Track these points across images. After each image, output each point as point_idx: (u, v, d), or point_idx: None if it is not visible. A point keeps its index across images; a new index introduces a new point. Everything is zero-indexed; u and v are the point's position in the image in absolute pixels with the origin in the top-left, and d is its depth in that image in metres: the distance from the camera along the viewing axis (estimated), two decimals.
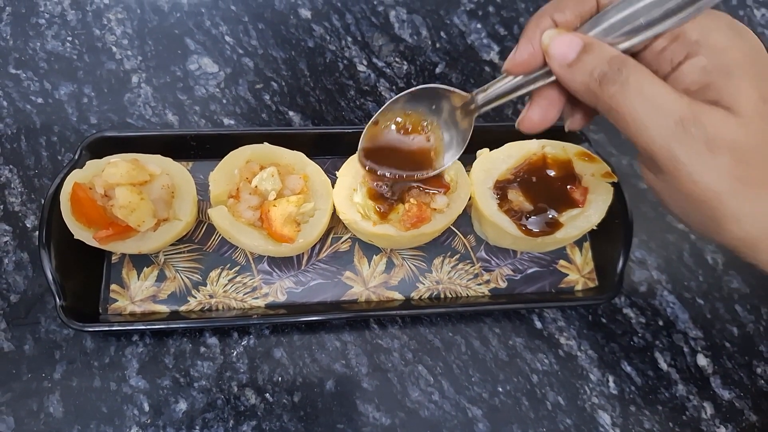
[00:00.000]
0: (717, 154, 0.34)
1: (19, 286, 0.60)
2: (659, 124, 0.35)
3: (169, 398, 0.57)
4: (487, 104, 0.46)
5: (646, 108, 0.35)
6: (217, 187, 0.58)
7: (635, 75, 0.35)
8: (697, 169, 0.34)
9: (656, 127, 0.35)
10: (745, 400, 0.61)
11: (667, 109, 0.34)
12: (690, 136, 0.34)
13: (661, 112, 0.35)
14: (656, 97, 0.35)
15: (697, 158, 0.34)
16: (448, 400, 0.59)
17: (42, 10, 0.73)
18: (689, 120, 0.34)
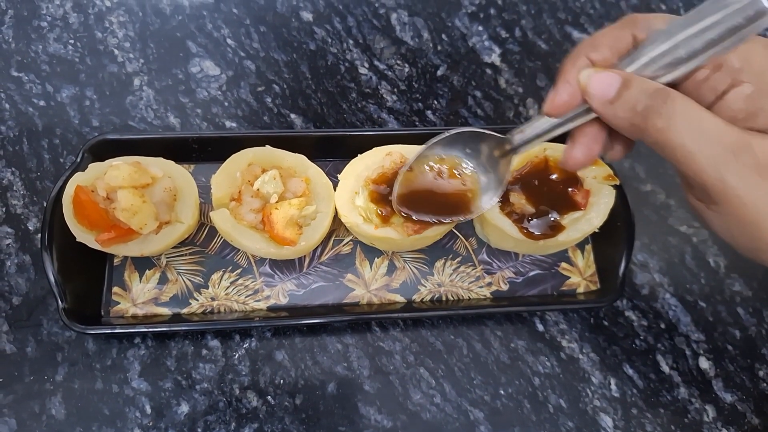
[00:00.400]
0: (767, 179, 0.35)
1: (22, 289, 0.61)
2: (709, 153, 0.35)
3: (171, 400, 0.58)
4: (525, 144, 0.47)
5: (695, 138, 0.35)
6: (219, 189, 0.59)
7: (681, 106, 0.35)
8: (748, 194, 0.35)
9: (707, 156, 0.35)
10: (747, 403, 0.61)
11: (716, 138, 0.35)
12: (741, 164, 0.35)
13: (710, 142, 0.35)
14: (705, 128, 0.35)
15: (748, 184, 0.35)
16: (450, 403, 0.59)
17: (44, 13, 0.73)
18: (740, 148, 0.35)
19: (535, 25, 0.78)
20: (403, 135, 0.63)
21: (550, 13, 0.78)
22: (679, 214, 0.68)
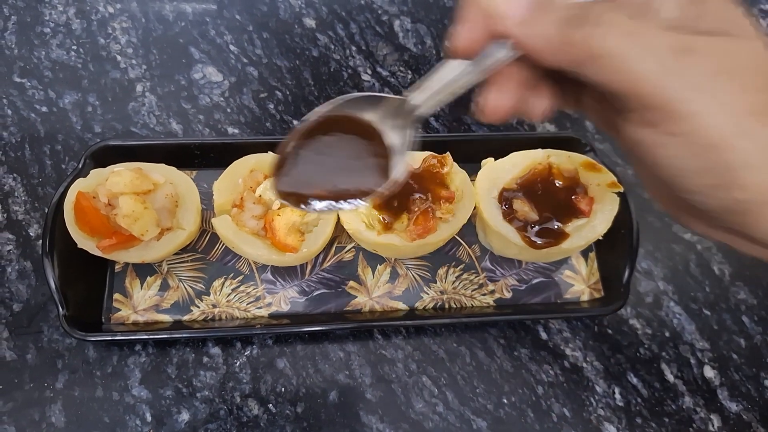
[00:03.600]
0: (726, 84, 0.28)
1: (22, 295, 0.60)
2: (651, 57, 0.29)
3: (172, 408, 0.57)
4: (429, 101, 0.37)
5: (631, 44, 0.29)
6: (221, 196, 0.58)
7: (609, 12, 0.30)
8: (702, 104, 0.28)
9: (648, 61, 0.29)
10: (752, 413, 0.60)
11: (656, 43, 0.29)
12: (689, 67, 0.28)
13: (651, 47, 0.29)
14: (642, 33, 0.29)
15: (701, 91, 0.28)
16: (453, 412, 0.59)
17: (47, 19, 0.73)
18: (686, 49, 0.28)
19: None
20: None
21: None
22: None
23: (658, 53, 0.29)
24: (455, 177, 0.59)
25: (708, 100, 0.28)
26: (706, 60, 0.28)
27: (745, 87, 0.28)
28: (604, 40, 0.29)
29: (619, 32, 0.29)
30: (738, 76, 0.28)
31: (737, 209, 0.31)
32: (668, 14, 0.30)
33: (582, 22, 0.30)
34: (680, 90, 0.28)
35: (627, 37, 0.29)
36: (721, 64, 0.28)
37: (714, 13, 0.30)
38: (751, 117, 0.28)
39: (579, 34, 0.30)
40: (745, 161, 0.29)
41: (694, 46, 0.29)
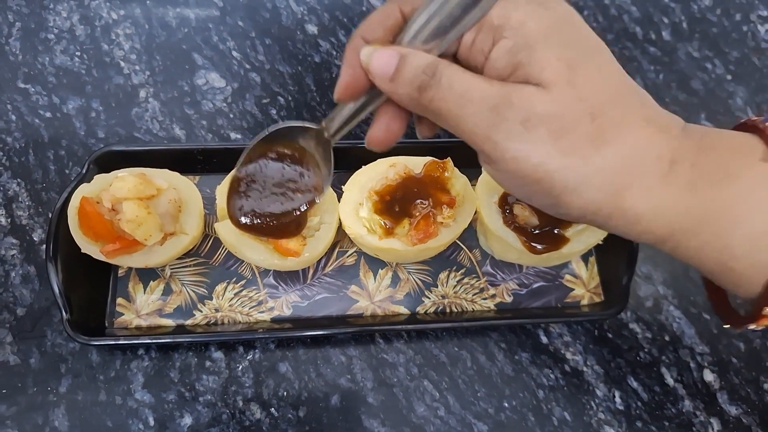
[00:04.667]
0: (534, 131, 0.33)
1: (26, 300, 0.61)
2: (475, 114, 0.34)
3: (174, 412, 0.57)
4: (340, 130, 0.43)
5: (461, 104, 0.34)
6: (223, 200, 0.59)
7: (446, 73, 0.35)
8: (521, 150, 0.34)
9: (472, 118, 0.34)
10: (752, 416, 0.60)
11: (478, 99, 0.34)
12: (505, 119, 0.33)
13: (473, 103, 0.34)
14: (467, 90, 0.34)
15: (518, 139, 0.34)
16: (454, 416, 0.59)
17: (51, 25, 0.74)
18: (502, 104, 0.33)
19: None
20: (407, 146, 0.63)
21: None
22: None
23: (481, 112, 0.34)
24: (456, 182, 0.60)
25: (521, 147, 0.34)
26: (516, 112, 0.33)
27: (555, 132, 0.33)
28: (440, 104, 0.35)
29: (452, 95, 0.35)
30: (545, 125, 0.33)
31: (581, 218, 0.36)
32: (498, 63, 0.35)
33: (428, 86, 0.35)
34: (499, 140, 0.34)
35: (457, 99, 0.34)
36: (528, 114, 0.33)
37: (530, 65, 0.34)
38: (561, 155, 0.34)
39: (425, 97, 0.35)
40: (565, 188, 0.34)
41: (507, 100, 0.34)
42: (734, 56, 0.78)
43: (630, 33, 0.79)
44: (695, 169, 0.34)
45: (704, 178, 0.34)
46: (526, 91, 0.33)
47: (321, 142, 0.45)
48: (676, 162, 0.34)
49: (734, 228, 0.34)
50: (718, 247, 0.35)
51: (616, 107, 0.34)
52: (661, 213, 0.35)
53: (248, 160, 0.46)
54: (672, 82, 0.76)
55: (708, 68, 0.77)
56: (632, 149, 0.34)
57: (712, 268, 0.36)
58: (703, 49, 0.79)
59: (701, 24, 0.80)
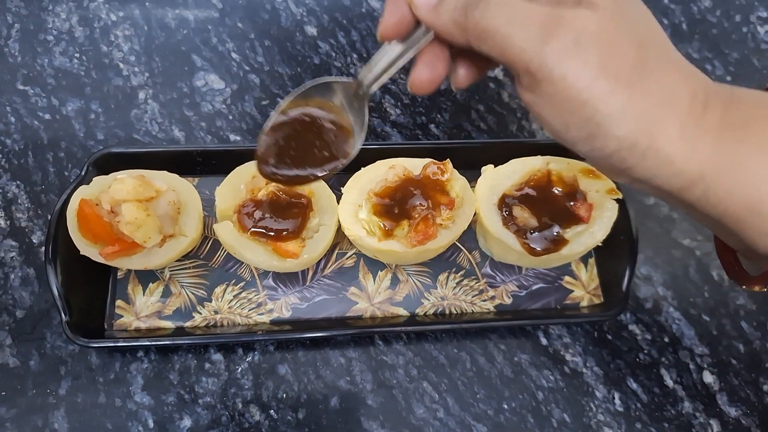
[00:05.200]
0: (585, 51, 0.34)
1: (25, 302, 0.61)
2: (525, 31, 0.34)
3: (174, 415, 0.57)
4: (376, 80, 0.43)
5: (510, 21, 0.34)
6: (222, 202, 0.59)
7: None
8: (570, 69, 0.34)
9: (523, 35, 0.34)
10: (752, 418, 0.60)
11: (528, 18, 0.34)
12: (556, 38, 0.34)
13: (524, 22, 0.34)
14: (517, 10, 0.35)
15: (568, 58, 0.34)
16: (453, 417, 0.59)
17: (50, 26, 0.74)
18: (553, 22, 0.34)
19: None
20: (406, 148, 0.63)
21: None
22: (682, 227, 0.68)
23: (531, 28, 0.34)
24: (455, 184, 0.60)
25: (571, 66, 0.34)
26: (568, 31, 0.34)
27: (605, 53, 0.34)
28: (489, 21, 0.35)
29: (502, 12, 0.35)
30: (593, 45, 0.34)
31: (613, 156, 0.36)
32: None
33: (473, 5, 0.36)
34: (548, 58, 0.34)
35: (507, 16, 0.35)
36: (580, 34, 0.33)
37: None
38: (608, 78, 0.34)
39: (471, 17, 0.36)
40: (607, 115, 0.34)
41: (559, 19, 0.34)
42: (734, 57, 0.78)
43: None
44: (727, 113, 0.35)
45: (737, 123, 0.35)
46: (579, 11, 0.34)
47: (357, 96, 0.45)
48: (709, 105, 0.35)
49: (765, 171, 0.34)
50: (750, 189, 0.35)
51: (658, 43, 0.35)
52: (694, 152, 0.34)
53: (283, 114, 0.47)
54: None
55: (708, 69, 0.77)
56: (671, 84, 0.34)
57: (741, 213, 0.35)
58: (703, 50, 0.78)
59: (701, 25, 0.80)
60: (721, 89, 0.36)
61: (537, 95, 0.37)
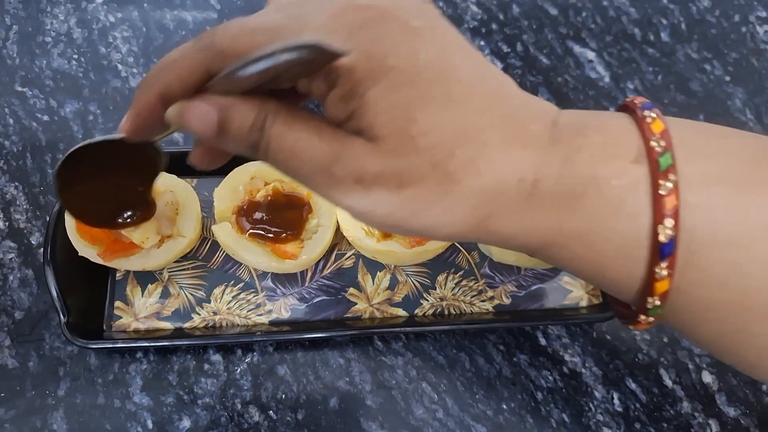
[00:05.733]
0: (371, 190, 0.30)
1: (24, 303, 0.61)
2: (310, 175, 0.31)
3: (173, 415, 0.57)
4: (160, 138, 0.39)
5: (294, 164, 0.31)
6: (221, 203, 0.59)
7: (274, 132, 0.31)
8: (364, 207, 0.31)
9: (309, 178, 0.31)
10: (750, 418, 0.60)
11: (309, 158, 0.31)
12: (339, 180, 0.30)
13: (306, 164, 0.31)
14: (297, 152, 0.31)
15: (357, 198, 0.31)
16: (453, 418, 0.59)
17: (48, 28, 0.74)
18: (333, 164, 0.30)
19: (537, 40, 0.78)
20: None
21: (552, 28, 0.79)
22: None
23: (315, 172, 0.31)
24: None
25: (365, 202, 0.31)
26: (350, 170, 0.31)
27: (394, 189, 0.31)
28: (275, 162, 0.32)
29: (284, 156, 0.31)
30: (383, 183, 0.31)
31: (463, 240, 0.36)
32: (333, 110, 0.31)
33: (260, 148, 0.32)
34: (342, 199, 0.32)
35: (290, 160, 0.31)
36: (361, 174, 0.30)
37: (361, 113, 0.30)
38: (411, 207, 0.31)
39: (259, 155, 0.32)
40: (422, 228, 0.32)
41: (339, 157, 0.31)
42: (733, 57, 0.78)
43: (629, 35, 0.79)
44: (560, 183, 0.31)
45: (571, 193, 0.32)
46: (357, 147, 0.30)
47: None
48: (540, 181, 0.31)
49: (604, 241, 0.32)
50: (592, 259, 0.33)
51: (466, 144, 0.30)
52: (530, 231, 0.33)
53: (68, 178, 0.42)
54: (671, 84, 0.76)
55: (707, 69, 0.77)
56: (489, 181, 0.30)
57: (589, 276, 0.35)
58: (702, 50, 0.79)
59: (700, 25, 0.80)
60: (556, 153, 0.32)
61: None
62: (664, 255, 0.31)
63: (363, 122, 0.30)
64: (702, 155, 0.32)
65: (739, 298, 0.31)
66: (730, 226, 0.31)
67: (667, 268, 0.31)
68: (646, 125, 0.32)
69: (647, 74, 0.77)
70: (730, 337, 0.33)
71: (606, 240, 0.32)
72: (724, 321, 0.32)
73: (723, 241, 0.31)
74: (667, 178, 0.30)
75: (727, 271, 0.31)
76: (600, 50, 0.78)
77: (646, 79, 0.76)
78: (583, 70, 0.76)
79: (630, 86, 0.75)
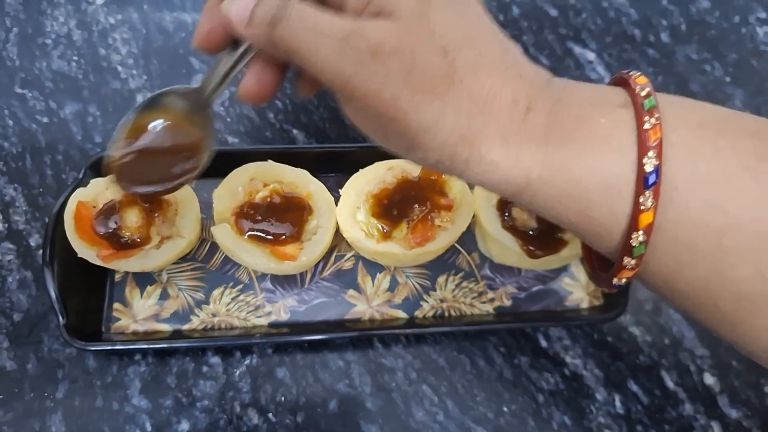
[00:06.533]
0: (384, 64, 0.32)
1: (23, 305, 0.60)
2: (325, 46, 0.32)
3: (171, 418, 0.57)
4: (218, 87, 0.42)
5: (310, 36, 0.33)
6: (220, 204, 0.59)
7: (297, 7, 0.33)
8: (372, 83, 0.32)
9: (323, 50, 0.32)
10: (753, 420, 0.60)
11: (328, 29, 0.32)
12: (355, 50, 0.32)
13: (323, 34, 0.32)
14: (317, 23, 0.33)
15: (368, 72, 0.32)
16: (453, 420, 0.59)
17: (48, 30, 0.74)
18: (352, 35, 0.32)
19: (537, 41, 0.78)
20: None
21: (552, 29, 0.79)
22: None
23: (331, 45, 0.32)
24: (454, 185, 0.60)
25: (378, 79, 0.32)
26: (368, 42, 0.32)
27: (406, 66, 0.32)
28: (291, 39, 0.33)
29: (304, 27, 0.33)
30: (396, 57, 0.32)
31: (438, 165, 0.35)
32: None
33: (279, 20, 0.33)
34: (352, 73, 0.32)
35: (308, 31, 0.33)
36: (377, 47, 0.31)
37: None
38: (414, 91, 0.32)
39: (277, 33, 0.33)
40: (420, 129, 0.33)
41: (360, 29, 0.32)
42: (733, 58, 0.78)
43: (629, 35, 0.79)
44: (551, 116, 0.33)
45: (561, 126, 0.33)
46: (378, 22, 0.32)
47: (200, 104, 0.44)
48: (531, 109, 0.33)
49: (591, 174, 0.33)
50: (576, 195, 0.34)
51: (472, 46, 0.33)
52: (517, 160, 0.33)
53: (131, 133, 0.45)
54: (670, 85, 0.76)
55: (707, 70, 0.77)
56: (487, 90, 0.32)
57: (573, 219, 0.35)
58: (702, 51, 0.78)
59: (700, 26, 0.80)
60: (549, 91, 0.34)
61: (352, 110, 0.36)
62: (648, 184, 0.31)
63: (383, 4, 0.32)
64: (683, 106, 0.34)
65: (717, 238, 0.32)
66: (708, 166, 0.32)
67: (651, 198, 0.32)
68: (632, 80, 0.34)
69: (647, 75, 0.76)
70: (707, 283, 0.34)
71: (592, 173, 0.33)
72: (702, 264, 0.33)
73: (702, 180, 0.32)
74: (652, 116, 0.32)
75: (706, 209, 0.32)
76: (600, 51, 0.78)
77: None
78: (583, 70, 0.76)
79: None
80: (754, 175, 0.32)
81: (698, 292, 0.34)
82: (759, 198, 0.32)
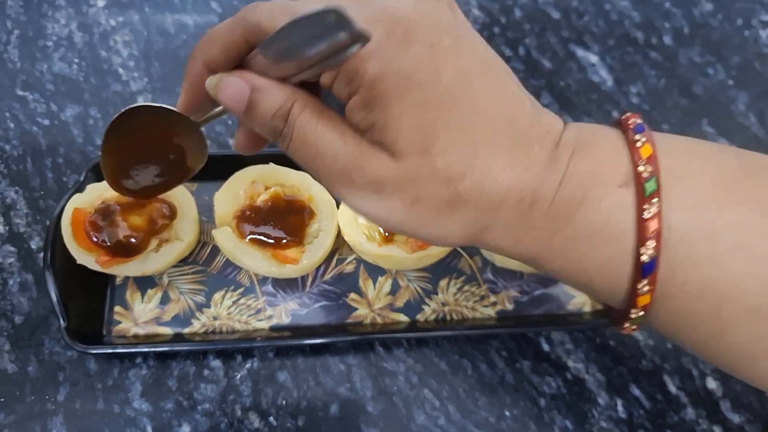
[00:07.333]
0: (388, 200, 0.33)
1: (24, 308, 0.60)
2: (330, 174, 0.34)
3: (173, 421, 0.57)
4: (206, 121, 0.43)
5: (315, 161, 0.34)
6: (221, 207, 0.59)
7: (299, 124, 0.33)
8: (378, 213, 0.34)
9: (328, 176, 0.34)
10: (755, 425, 0.60)
11: (331, 158, 0.33)
12: (359, 186, 0.33)
13: (326, 163, 0.33)
14: (320, 148, 0.33)
15: (373, 204, 0.34)
16: (455, 425, 0.58)
17: (49, 32, 0.74)
18: (354, 170, 0.33)
19: (539, 44, 0.78)
20: None
21: (554, 31, 0.79)
22: None
23: (335, 172, 0.34)
24: None
25: (380, 210, 0.35)
26: (369, 179, 0.34)
27: (408, 201, 0.34)
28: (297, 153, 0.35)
29: (306, 149, 0.34)
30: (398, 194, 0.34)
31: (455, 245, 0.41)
32: (355, 116, 0.33)
33: (284, 136, 0.35)
34: (357, 202, 0.35)
35: (312, 154, 0.34)
36: (380, 185, 0.34)
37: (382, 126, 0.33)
38: (421, 220, 0.35)
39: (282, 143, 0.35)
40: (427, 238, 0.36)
41: (361, 165, 0.33)
42: (736, 61, 0.78)
43: (631, 38, 0.79)
44: (554, 205, 0.34)
45: (561, 213, 0.34)
46: (379, 159, 0.33)
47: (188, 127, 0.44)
48: (536, 202, 0.34)
49: (588, 258, 0.35)
50: (579, 272, 0.36)
51: (476, 168, 0.33)
52: (521, 244, 0.36)
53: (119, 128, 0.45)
54: (673, 88, 0.76)
55: (710, 73, 0.77)
56: (493, 200, 0.33)
57: (576, 286, 0.38)
58: (705, 54, 0.78)
59: (703, 29, 0.80)
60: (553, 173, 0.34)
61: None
62: (645, 273, 0.33)
63: (386, 137, 0.32)
64: (684, 178, 0.34)
65: (713, 310, 0.33)
66: (703, 248, 0.33)
67: (648, 285, 0.33)
68: (635, 150, 0.34)
69: (650, 78, 0.76)
70: (706, 343, 0.36)
71: (591, 257, 0.35)
72: (701, 329, 0.35)
73: (697, 261, 0.33)
74: (651, 203, 0.32)
75: (701, 287, 0.33)
76: (602, 54, 0.77)
77: (648, 82, 0.76)
78: (585, 73, 0.76)
79: (633, 90, 0.75)
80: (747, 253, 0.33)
81: (697, 347, 0.37)
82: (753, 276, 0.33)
